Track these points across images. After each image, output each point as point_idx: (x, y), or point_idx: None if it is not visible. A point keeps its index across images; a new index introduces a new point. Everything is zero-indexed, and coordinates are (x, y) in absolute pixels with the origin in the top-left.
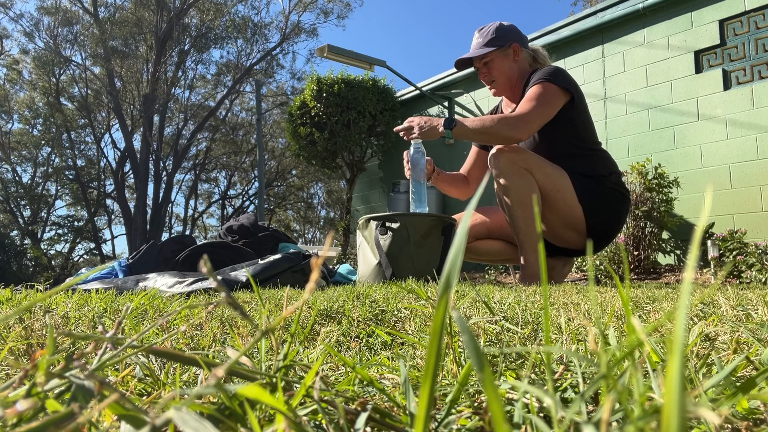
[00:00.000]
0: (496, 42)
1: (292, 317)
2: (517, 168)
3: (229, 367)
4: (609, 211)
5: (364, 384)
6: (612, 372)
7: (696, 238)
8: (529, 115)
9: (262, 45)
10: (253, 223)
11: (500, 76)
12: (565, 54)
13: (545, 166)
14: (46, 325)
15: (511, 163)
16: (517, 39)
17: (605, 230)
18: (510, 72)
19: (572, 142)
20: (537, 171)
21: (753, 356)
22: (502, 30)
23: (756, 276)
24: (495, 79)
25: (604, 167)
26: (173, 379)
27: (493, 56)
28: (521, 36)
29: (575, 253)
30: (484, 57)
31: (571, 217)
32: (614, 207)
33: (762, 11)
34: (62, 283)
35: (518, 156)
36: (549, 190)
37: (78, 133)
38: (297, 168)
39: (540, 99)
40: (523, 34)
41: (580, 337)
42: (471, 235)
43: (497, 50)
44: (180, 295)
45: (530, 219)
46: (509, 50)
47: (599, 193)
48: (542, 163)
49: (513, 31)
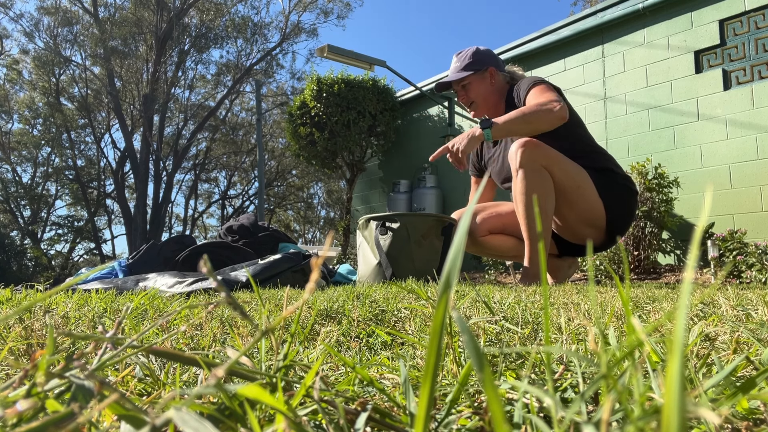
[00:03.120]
0: (473, 66)
1: (292, 317)
2: (536, 165)
3: (229, 367)
4: (625, 205)
5: (364, 384)
6: (612, 372)
7: (696, 238)
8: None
9: (262, 45)
10: (253, 223)
11: (478, 97)
12: (565, 54)
13: (565, 162)
14: (46, 325)
15: (531, 160)
16: (494, 63)
17: (621, 225)
18: (487, 93)
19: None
20: (557, 167)
21: (753, 356)
22: (478, 54)
23: (756, 276)
24: (473, 101)
25: (613, 164)
26: (173, 379)
27: (470, 79)
28: (497, 60)
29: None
30: (462, 80)
31: (592, 213)
32: (628, 201)
33: (762, 11)
34: (62, 283)
35: (539, 152)
36: (569, 186)
37: (78, 133)
38: (297, 168)
39: (548, 93)
40: (499, 58)
41: (580, 337)
42: (485, 228)
43: (474, 74)
44: (180, 295)
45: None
46: (486, 74)
47: (616, 188)
48: (562, 159)
49: (489, 56)
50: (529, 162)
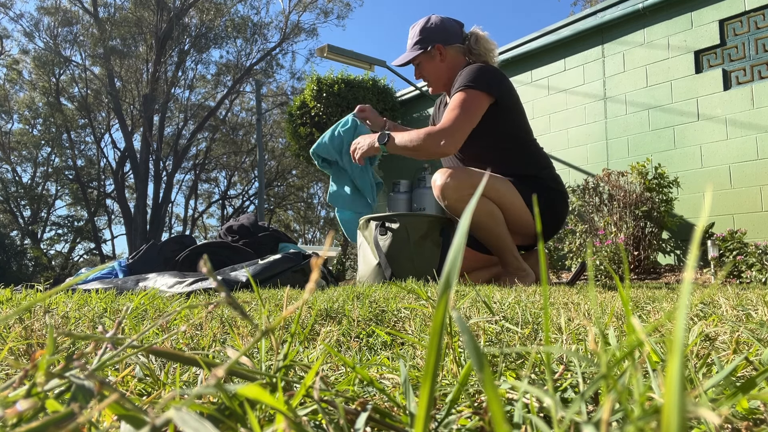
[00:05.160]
0: (420, 44)
1: (292, 317)
2: (466, 195)
3: (229, 367)
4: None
5: (364, 384)
6: (612, 372)
7: (696, 238)
8: (453, 127)
9: (261, 45)
10: (253, 223)
11: (429, 76)
12: (565, 54)
13: (492, 181)
14: (46, 325)
15: (458, 195)
16: (441, 38)
17: (547, 232)
18: (438, 72)
19: (498, 145)
20: (486, 190)
21: (753, 356)
22: (426, 31)
23: (756, 276)
24: (426, 79)
25: (536, 164)
26: (173, 379)
27: (419, 59)
28: (446, 33)
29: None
30: (414, 60)
31: (521, 222)
32: (553, 207)
33: (762, 11)
34: (62, 283)
35: (462, 183)
36: (501, 204)
37: (78, 133)
38: (297, 168)
39: (461, 108)
40: (450, 28)
41: (580, 337)
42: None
43: (422, 54)
44: (180, 295)
45: (496, 234)
46: (434, 51)
47: (541, 195)
48: (488, 180)
49: (437, 30)
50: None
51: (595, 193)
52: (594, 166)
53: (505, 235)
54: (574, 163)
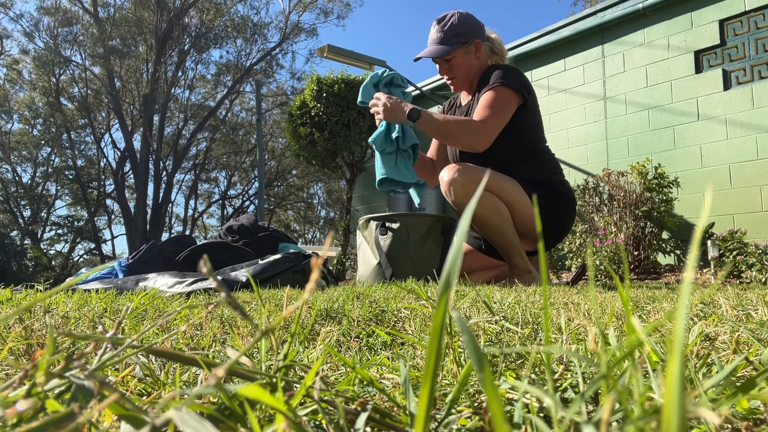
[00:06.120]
0: (458, 39)
1: (292, 317)
2: (473, 191)
3: (229, 367)
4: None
5: (364, 384)
6: (612, 372)
7: (696, 238)
8: (488, 124)
9: (261, 45)
10: (253, 223)
11: (461, 72)
12: (566, 54)
13: (499, 180)
14: (46, 325)
15: (465, 190)
16: (479, 34)
17: (554, 236)
18: (470, 68)
19: (514, 148)
20: (492, 188)
21: (753, 356)
22: (464, 24)
23: (756, 276)
24: (456, 76)
25: (547, 170)
26: (173, 379)
27: (455, 54)
28: (481, 28)
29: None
30: (452, 53)
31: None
32: (561, 212)
33: (762, 11)
34: (62, 283)
35: (470, 179)
36: (508, 202)
37: (78, 133)
38: (297, 168)
39: (496, 106)
40: (480, 23)
41: (580, 337)
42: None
43: (460, 47)
44: (180, 295)
45: (503, 232)
46: (471, 47)
47: (549, 200)
48: (495, 178)
49: (474, 25)
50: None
51: (595, 193)
52: (594, 166)
53: (512, 235)
54: (574, 163)
